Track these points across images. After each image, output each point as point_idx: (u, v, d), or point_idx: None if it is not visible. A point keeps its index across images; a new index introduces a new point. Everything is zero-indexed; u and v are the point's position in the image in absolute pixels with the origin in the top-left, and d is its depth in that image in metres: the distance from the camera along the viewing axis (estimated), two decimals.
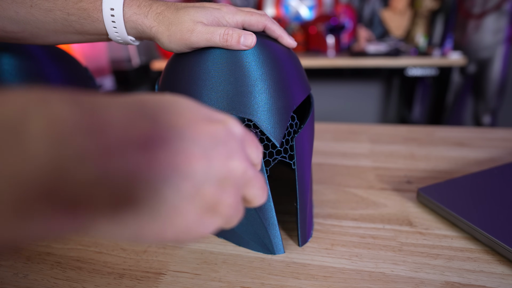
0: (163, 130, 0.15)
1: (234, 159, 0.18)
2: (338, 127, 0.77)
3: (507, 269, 0.34)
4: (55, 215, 0.12)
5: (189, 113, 0.17)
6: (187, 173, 0.15)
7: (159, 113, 0.16)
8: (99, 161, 0.13)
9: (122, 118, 0.14)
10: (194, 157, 0.16)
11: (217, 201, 0.17)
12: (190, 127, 0.16)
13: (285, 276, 0.34)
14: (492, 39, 1.60)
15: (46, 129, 0.12)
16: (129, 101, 0.16)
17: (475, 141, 0.66)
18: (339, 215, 0.44)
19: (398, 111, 2.22)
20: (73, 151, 0.12)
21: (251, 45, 0.32)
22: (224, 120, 0.19)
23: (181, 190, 0.15)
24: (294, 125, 0.37)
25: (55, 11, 0.33)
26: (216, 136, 0.17)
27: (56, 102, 0.13)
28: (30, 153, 0.11)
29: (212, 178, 0.17)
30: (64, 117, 0.12)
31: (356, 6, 1.96)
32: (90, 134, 0.13)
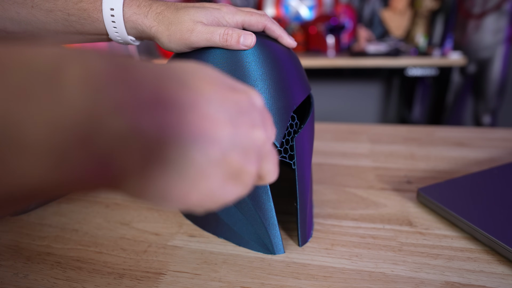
0: (192, 94, 0.15)
1: (257, 129, 0.18)
2: (338, 127, 0.77)
3: (507, 269, 0.34)
4: (89, 164, 0.12)
5: (215, 80, 0.18)
6: (215, 138, 0.16)
7: (188, 78, 0.16)
8: (132, 114, 0.13)
9: (154, 77, 0.14)
10: (222, 122, 0.16)
11: (241, 169, 0.17)
12: (217, 93, 0.17)
13: (285, 276, 0.34)
14: (492, 39, 1.60)
15: (82, 78, 0.12)
16: (158, 66, 0.16)
17: (475, 141, 0.66)
18: (339, 215, 0.44)
19: (398, 111, 2.22)
20: (108, 102, 0.12)
21: (251, 45, 0.32)
22: (246, 91, 0.19)
23: (209, 154, 0.16)
24: (294, 125, 0.37)
25: (55, 12, 0.33)
26: (240, 105, 0.18)
27: (92, 55, 0.13)
28: (66, 101, 0.11)
29: (238, 145, 0.17)
30: (100, 69, 0.12)
31: (356, 6, 1.96)
32: (125, 87, 0.13)
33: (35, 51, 0.12)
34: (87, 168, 0.12)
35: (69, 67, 0.12)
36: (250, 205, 0.35)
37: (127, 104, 0.13)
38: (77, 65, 0.12)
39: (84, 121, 0.11)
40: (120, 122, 0.12)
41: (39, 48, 0.12)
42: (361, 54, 1.64)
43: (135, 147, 0.13)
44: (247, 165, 0.18)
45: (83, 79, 0.12)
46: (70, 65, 0.12)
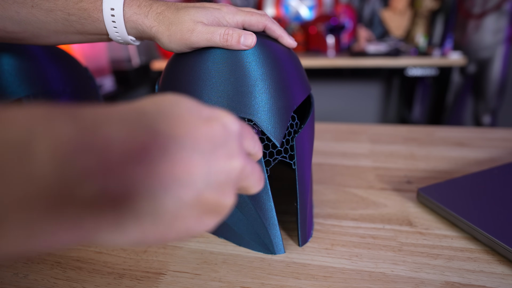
0: (163, 141, 0.15)
1: (233, 158, 0.18)
2: (338, 127, 0.77)
3: (507, 269, 0.34)
4: (61, 230, 0.13)
5: (187, 115, 0.17)
6: (188, 181, 0.16)
7: (158, 122, 0.16)
8: (101, 178, 0.13)
9: (122, 132, 0.14)
10: (194, 164, 0.16)
11: (217, 203, 0.17)
12: (189, 133, 0.17)
13: (285, 276, 0.34)
14: (492, 39, 1.60)
15: (51, 150, 0.12)
16: (128, 111, 0.16)
17: (475, 141, 0.66)
18: (339, 215, 0.44)
19: (398, 111, 2.22)
20: (77, 170, 0.13)
21: (251, 45, 0.32)
22: (221, 117, 0.19)
23: (182, 198, 0.16)
24: (294, 125, 0.37)
25: (56, 11, 0.33)
26: (215, 138, 0.17)
27: (59, 120, 0.13)
28: (36, 175, 0.12)
29: (212, 182, 0.17)
30: (68, 137, 0.13)
31: (356, 6, 1.96)
32: (92, 152, 0.13)
33: (3, 125, 0.12)
34: (59, 232, 0.13)
35: (37, 140, 0.12)
36: (250, 205, 0.35)
37: (95, 169, 0.13)
38: (45, 136, 0.12)
39: (54, 192, 0.12)
40: (90, 188, 0.13)
41: (6, 118, 0.12)
42: (361, 54, 1.64)
43: (106, 205, 0.13)
44: (223, 198, 0.18)
45: (52, 151, 0.12)
46: (38, 137, 0.12)
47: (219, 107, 0.31)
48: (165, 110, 0.17)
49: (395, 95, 2.20)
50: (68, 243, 0.13)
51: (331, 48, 1.76)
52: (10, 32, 0.34)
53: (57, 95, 0.49)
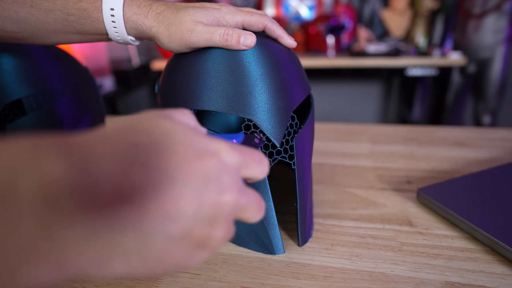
0: (155, 176, 0.15)
1: (226, 193, 0.18)
2: (338, 127, 0.77)
3: (507, 269, 0.34)
4: (45, 271, 0.12)
5: (181, 148, 0.17)
6: (177, 217, 0.15)
7: (150, 155, 0.16)
8: (89, 220, 0.13)
9: (113, 168, 0.14)
10: (184, 199, 0.16)
11: (207, 238, 0.17)
12: (181, 167, 0.16)
13: (285, 276, 0.34)
14: (492, 39, 1.60)
15: (35, 193, 0.12)
16: (120, 144, 0.15)
17: (475, 141, 0.66)
18: (339, 215, 0.44)
19: (398, 111, 2.22)
20: (63, 213, 0.12)
21: (251, 45, 0.32)
22: (218, 151, 0.18)
23: (171, 235, 0.15)
24: (294, 125, 0.37)
25: (55, 11, 0.33)
26: (208, 173, 0.17)
27: (45, 157, 0.13)
28: (20, 218, 0.11)
29: (202, 217, 0.17)
30: (54, 176, 0.12)
31: (356, 6, 1.96)
32: (80, 193, 0.13)
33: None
34: (44, 273, 0.12)
35: (22, 182, 0.12)
36: None
37: (82, 211, 0.13)
38: (29, 178, 0.12)
39: (37, 235, 0.12)
40: (76, 230, 0.13)
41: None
42: (361, 54, 1.64)
43: (94, 248, 0.13)
44: (213, 232, 0.17)
45: (36, 193, 0.12)
46: (22, 178, 0.12)
47: (218, 107, 0.31)
48: (158, 142, 0.16)
49: (395, 95, 2.20)
50: (51, 280, 0.13)
51: (331, 48, 1.76)
52: (9, 32, 0.34)
53: (57, 95, 0.49)
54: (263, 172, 0.21)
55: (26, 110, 0.46)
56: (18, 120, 0.45)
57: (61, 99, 0.50)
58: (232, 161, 0.19)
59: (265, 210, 0.21)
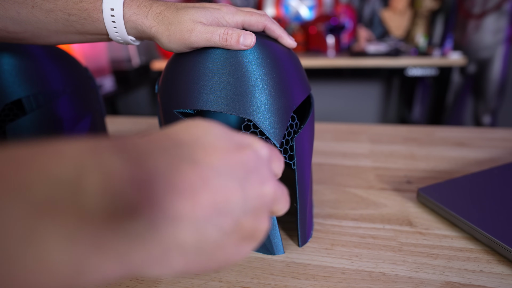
0: (202, 171, 0.16)
1: (266, 184, 0.18)
2: (338, 127, 0.77)
3: (507, 269, 0.34)
4: (110, 264, 0.13)
5: (221, 143, 0.18)
6: (227, 210, 0.16)
7: (195, 151, 0.16)
8: (149, 211, 0.13)
9: (166, 164, 0.15)
10: (232, 192, 0.16)
11: (254, 230, 0.18)
12: (224, 160, 0.17)
13: (285, 276, 0.34)
14: (492, 39, 1.60)
15: (101, 184, 0.12)
16: (167, 142, 0.16)
17: (475, 141, 0.66)
18: (339, 215, 0.44)
19: (398, 111, 2.22)
20: (127, 204, 0.13)
21: (251, 45, 0.32)
22: (251, 144, 0.19)
23: (223, 227, 0.16)
24: (294, 125, 0.37)
25: (56, 12, 0.33)
26: (248, 164, 0.18)
27: (106, 154, 0.13)
28: (87, 209, 0.12)
29: (249, 208, 0.17)
30: (116, 170, 0.13)
31: (356, 6, 1.96)
32: (140, 186, 0.13)
33: (53, 161, 0.12)
34: (107, 266, 0.13)
35: (87, 175, 0.12)
36: None
37: (144, 202, 0.13)
38: (94, 171, 0.13)
39: (104, 226, 0.12)
40: (139, 224, 0.13)
41: (56, 155, 0.12)
42: (361, 54, 1.64)
43: (155, 242, 0.14)
44: (260, 224, 0.18)
45: (102, 186, 0.12)
46: (88, 172, 0.12)
47: (218, 108, 0.31)
48: (200, 139, 0.17)
49: (395, 95, 2.20)
50: (115, 277, 0.13)
51: (331, 48, 1.76)
52: (11, 32, 0.34)
53: (57, 95, 0.49)
54: (282, 167, 0.22)
55: (26, 110, 0.46)
56: (18, 120, 0.45)
57: (61, 99, 0.50)
58: (265, 153, 0.20)
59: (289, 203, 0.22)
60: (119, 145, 0.14)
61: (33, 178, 0.11)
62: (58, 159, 0.12)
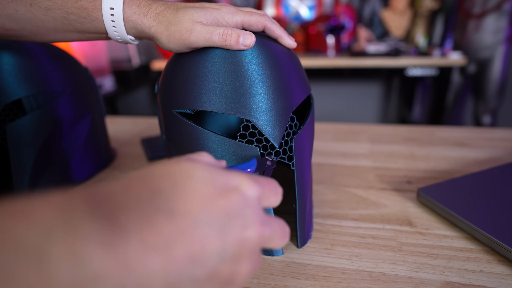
0: (179, 223, 0.15)
1: (249, 228, 0.18)
2: (338, 127, 0.76)
3: (507, 269, 0.34)
4: None
5: (202, 188, 0.17)
6: (202, 260, 0.16)
7: (173, 201, 0.16)
8: (116, 277, 0.13)
9: (139, 219, 0.15)
10: (209, 241, 0.16)
11: (232, 275, 0.17)
12: (204, 208, 0.16)
13: (285, 276, 0.34)
14: (492, 39, 1.60)
15: (69, 253, 0.12)
16: (143, 191, 0.16)
17: (475, 141, 0.66)
18: (339, 215, 0.44)
19: (398, 111, 2.22)
20: (93, 272, 0.13)
21: (250, 45, 0.31)
22: (238, 186, 0.18)
23: (197, 277, 0.16)
24: (293, 125, 0.37)
25: (54, 10, 0.33)
26: (231, 210, 0.17)
27: (77, 214, 0.13)
28: (52, 279, 0.12)
29: (227, 255, 0.17)
30: (85, 234, 0.13)
31: (356, 6, 1.96)
32: (109, 250, 0.13)
33: (23, 226, 0.12)
34: None
35: (55, 242, 0.12)
36: None
37: (111, 268, 0.13)
38: (63, 238, 0.12)
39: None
40: (106, 286, 0.13)
41: (27, 221, 0.12)
42: (361, 54, 1.64)
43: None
44: (240, 269, 0.17)
45: (69, 254, 0.12)
46: (56, 239, 0.12)
47: (217, 108, 0.31)
48: (179, 186, 0.17)
49: (395, 95, 2.20)
50: None
51: (331, 48, 1.76)
52: (8, 29, 0.34)
53: (57, 95, 0.49)
54: (278, 201, 0.21)
55: (26, 110, 0.46)
56: (18, 120, 0.45)
57: (61, 99, 0.49)
58: (253, 193, 0.19)
59: (289, 235, 0.21)
60: (91, 199, 0.14)
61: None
62: (25, 223, 0.12)
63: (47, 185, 0.49)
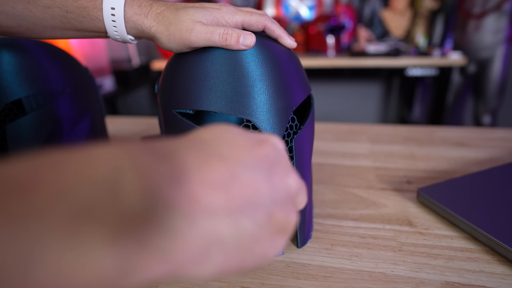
0: (230, 165, 0.16)
1: (289, 176, 0.19)
2: (338, 127, 0.77)
3: (507, 269, 0.34)
4: (153, 263, 0.13)
5: (241, 140, 0.18)
6: (259, 202, 0.16)
7: (220, 147, 0.17)
8: (186, 207, 0.14)
9: (195, 160, 0.15)
10: (260, 184, 0.17)
11: (285, 221, 0.18)
12: (249, 155, 0.17)
13: (285, 276, 0.34)
14: (492, 39, 1.60)
15: (139, 183, 0.13)
16: (191, 140, 0.17)
17: (475, 141, 0.66)
18: (339, 215, 0.44)
19: (398, 111, 2.22)
20: (165, 201, 0.13)
21: (251, 44, 0.31)
22: (269, 139, 0.20)
23: (257, 220, 0.16)
24: (293, 126, 0.37)
25: (53, 8, 0.32)
26: (270, 158, 0.18)
27: (140, 155, 0.14)
28: (127, 208, 0.12)
29: (278, 200, 0.17)
30: (152, 168, 0.13)
31: (356, 6, 1.96)
32: (175, 181, 0.14)
33: (90, 164, 0.12)
34: (151, 265, 0.13)
35: (125, 175, 0.13)
36: None
37: (179, 198, 0.14)
38: (131, 171, 0.13)
39: (145, 224, 0.12)
40: (178, 219, 0.13)
41: (93, 159, 0.13)
42: (361, 54, 1.64)
43: (195, 236, 0.14)
44: (290, 215, 0.18)
45: (138, 184, 0.13)
46: (125, 172, 0.13)
47: (217, 108, 0.31)
48: (221, 137, 0.18)
49: (395, 95, 2.20)
50: (158, 277, 0.13)
51: (331, 48, 1.76)
52: (4, 26, 0.34)
53: (57, 95, 0.49)
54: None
55: (26, 110, 0.46)
56: (18, 120, 0.45)
57: (61, 99, 0.49)
58: (282, 147, 0.20)
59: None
60: (148, 147, 0.15)
61: (72, 182, 0.11)
62: (94, 162, 0.12)
63: None
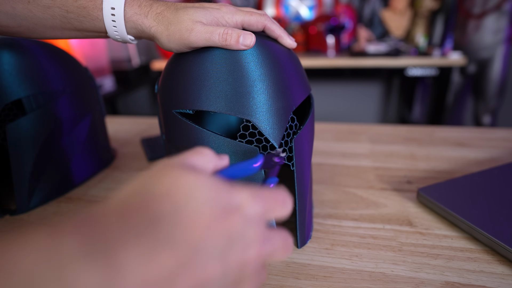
0: (180, 254, 0.15)
1: (250, 249, 0.17)
2: (338, 127, 0.76)
3: (507, 269, 0.34)
4: None
5: (205, 211, 0.16)
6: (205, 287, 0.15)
7: (175, 229, 0.15)
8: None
9: (139, 255, 0.14)
10: (211, 270, 0.16)
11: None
12: (206, 235, 0.16)
13: (285, 276, 0.34)
14: (492, 39, 1.60)
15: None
16: (141, 216, 0.15)
17: (475, 141, 0.66)
18: (339, 215, 0.44)
19: (398, 111, 2.22)
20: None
21: (250, 44, 0.31)
22: (240, 205, 0.18)
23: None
24: (293, 126, 0.37)
25: (53, 8, 0.32)
26: (232, 233, 0.17)
27: (67, 258, 0.12)
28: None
29: (229, 280, 0.17)
30: (78, 279, 0.12)
31: (356, 6, 1.96)
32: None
33: (5, 275, 0.11)
34: None
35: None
36: None
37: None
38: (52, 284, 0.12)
39: None
40: None
41: (10, 269, 0.12)
42: (361, 54, 1.64)
43: None
44: (243, 287, 0.18)
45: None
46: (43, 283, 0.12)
47: (217, 108, 0.31)
48: (181, 209, 0.16)
49: (395, 95, 2.20)
50: None
51: (331, 48, 1.76)
52: (4, 26, 0.34)
53: (57, 95, 0.49)
54: (288, 210, 0.20)
55: (26, 110, 0.46)
56: (18, 120, 0.45)
57: (61, 99, 0.49)
58: (256, 211, 0.18)
59: (292, 247, 0.21)
60: (83, 233, 0.13)
61: None
62: (10, 271, 0.11)
63: (47, 185, 0.49)
